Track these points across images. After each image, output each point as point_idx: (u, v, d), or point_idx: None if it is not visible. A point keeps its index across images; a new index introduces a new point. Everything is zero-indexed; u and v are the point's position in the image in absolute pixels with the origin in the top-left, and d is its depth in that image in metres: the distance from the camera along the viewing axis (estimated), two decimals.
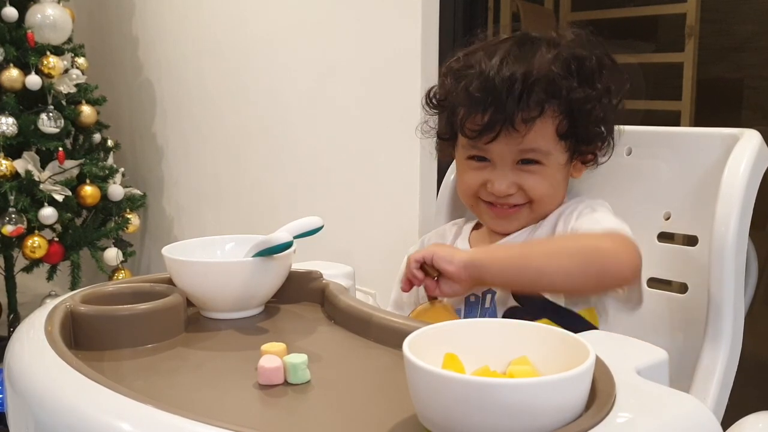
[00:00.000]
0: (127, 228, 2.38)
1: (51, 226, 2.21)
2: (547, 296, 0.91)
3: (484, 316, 0.93)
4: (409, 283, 0.88)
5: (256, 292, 0.83)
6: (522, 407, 0.48)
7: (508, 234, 0.99)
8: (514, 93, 0.87)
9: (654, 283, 0.99)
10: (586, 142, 0.95)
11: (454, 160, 1.17)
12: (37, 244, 2.13)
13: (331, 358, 0.72)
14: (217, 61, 2.33)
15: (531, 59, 0.90)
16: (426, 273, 0.86)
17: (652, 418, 0.53)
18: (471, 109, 0.91)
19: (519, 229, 0.98)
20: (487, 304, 0.94)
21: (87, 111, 2.29)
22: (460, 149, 0.99)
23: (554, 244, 0.89)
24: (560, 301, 0.91)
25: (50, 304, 0.76)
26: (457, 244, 1.04)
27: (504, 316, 0.91)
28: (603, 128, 0.94)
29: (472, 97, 0.90)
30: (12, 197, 2.08)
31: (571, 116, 0.91)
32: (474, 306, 0.94)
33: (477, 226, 1.06)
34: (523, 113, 0.88)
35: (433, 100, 1.01)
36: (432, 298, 0.88)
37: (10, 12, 2.12)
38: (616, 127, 0.97)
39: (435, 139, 1.06)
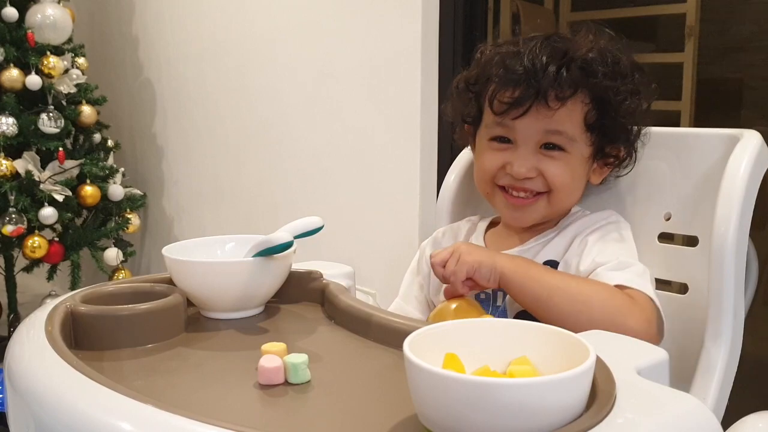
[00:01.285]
0: (127, 228, 2.38)
1: (51, 226, 2.21)
2: None
3: (494, 314, 0.93)
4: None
5: (256, 292, 0.83)
6: (522, 407, 0.48)
7: (523, 229, 0.98)
8: (550, 68, 0.88)
9: (654, 283, 0.99)
10: (610, 140, 0.93)
11: (455, 162, 1.17)
12: (37, 244, 2.14)
13: (331, 358, 0.72)
14: (217, 61, 2.34)
15: (568, 43, 0.91)
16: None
17: (652, 418, 0.53)
18: (505, 83, 0.90)
19: (534, 223, 0.97)
20: (498, 302, 0.94)
21: (87, 111, 2.29)
22: (482, 131, 0.97)
23: (586, 290, 0.85)
24: None
25: (50, 304, 0.76)
26: (471, 242, 1.03)
27: (516, 317, 0.91)
28: (628, 129, 0.94)
29: (508, 70, 0.90)
30: (12, 197, 2.08)
31: (601, 108, 0.91)
32: (485, 303, 0.94)
33: (492, 225, 1.05)
34: (556, 91, 0.88)
35: (462, 83, 1.00)
36: (457, 296, 0.87)
37: (11, 12, 2.12)
38: (640, 139, 0.97)
39: (455, 124, 1.05)
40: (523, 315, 0.90)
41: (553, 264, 0.93)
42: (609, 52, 0.91)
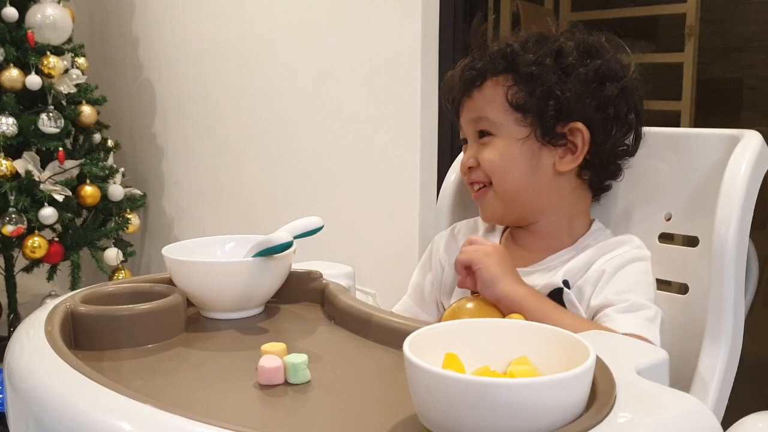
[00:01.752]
0: (127, 228, 2.38)
1: (51, 226, 2.21)
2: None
3: None
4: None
5: (256, 292, 0.83)
6: (522, 407, 0.48)
7: (539, 245, 0.96)
8: (468, 64, 0.96)
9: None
10: (541, 116, 0.91)
11: (455, 162, 1.17)
12: (37, 244, 2.14)
13: (331, 358, 0.72)
14: (217, 61, 2.34)
15: (498, 42, 0.96)
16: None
17: (652, 418, 0.53)
18: (447, 86, 1.00)
19: (500, 221, 1.00)
20: None
21: (87, 111, 2.29)
22: None
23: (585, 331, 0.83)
24: None
25: (50, 304, 0.76)
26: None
27: None
28: (562, 102, 0.90)
29: (455, 80, 0.99)
30: (12, 197, 2.08)
31: (527, 87, 0.91)
32: None
33: (510, 230, 1.03)
34: (476, 82, 0.95)
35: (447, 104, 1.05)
36: (474, 293, 0.87)
37: (10, 12, 2.12)
38: (619, 122, 0.93)
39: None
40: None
41: (565, 284, 0.90)
42: (534, 37, 0.94)
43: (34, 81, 2.13)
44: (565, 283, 0.90)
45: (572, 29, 0.95)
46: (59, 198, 2.14)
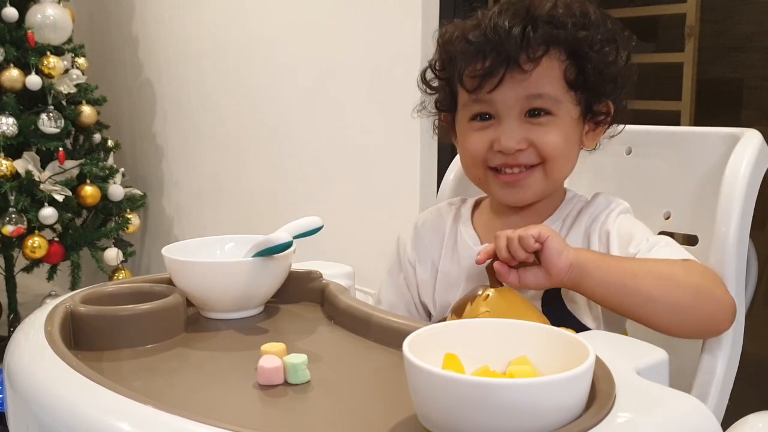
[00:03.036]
0: (127, 228, 2.38)
1: (51, 226, 2.21)
2: (574, 312, 0.85)
3: None
4: (489, 256, 0.81)
5: (256, 292, 0.83)
6: (522, 407, 0.48)
7: (518, 215, 0.92)
8: (514, 30, 0.83)
9: None
10: (597, 95, 0.88)
11: (454, 161, 1.17)
12: (37, 244, 2.14)
13: (331, 358, 0.72)
14: (217, 61, 2.34)
15: (530, 2, 0.86)
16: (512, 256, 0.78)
17: (652, 418, 0.53)
18: (472, 56, 0.85)
19: (532, 201, 0.90)
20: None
21: (87, 111, 2.29)
22: (461, 114, 0.91)
23: (664, 268, 0.79)
24: (588, 322, 0.86)
25: (50, 304, 0.76)
26: (459, 229, 0.97)
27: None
28: (614, 80, 0.88)
29: (471, 44, 0.86)
30: (12, 197, 2.08)
31: (579, 62, 0.86)
32: None
33: (476, 208, 0.99)
34: (527, 52, 0.83)
35: (428, 72, 0.95)
36: (496, 284, 0.80)
37: (11, 12, 2.12)
38: (626, 91, 0.91)
39: (434, 118, 0.99)
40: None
41: None
42: (576, 3, 0.87)
43: (34, 81, 2.13)
44: None
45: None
46: (59, 198, 2.14)
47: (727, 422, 0.85)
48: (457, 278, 0.94)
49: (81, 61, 2.33)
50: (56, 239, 2.24)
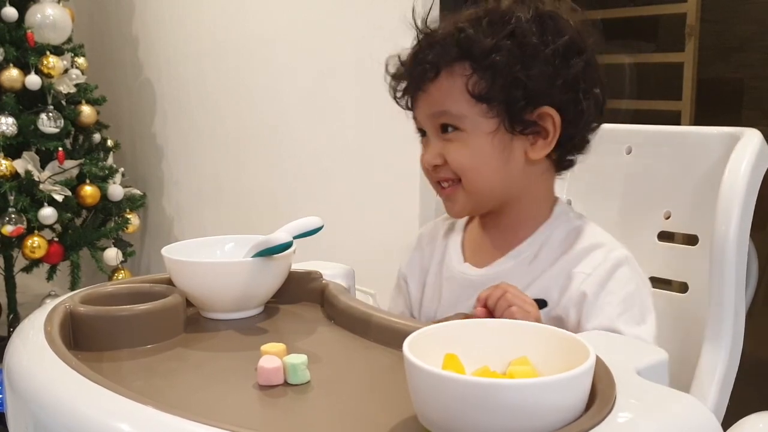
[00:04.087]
0: (126, 228, 2.38)
1: (51, 226, 2.21)
2: None
3: None
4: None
5: (256, 293, 0.83)
6: (522, 407, 0.48)
7: (498, 233, 0.91)
8: (414, 56, 0.88)
9: (654, 282, 0.98)
10: (509, 105, 0.83)
11: None
12: (36, 244, 2.14)
13: (331, 358, 0.72)
14: (217, 61, 2.33)
15: (442, 23, 0.88)
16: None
17: (652, 419, 0.53)
18: (397, 79, 0.93)
19: (469, 214, 0.92)
20: None
21: (87, 111, 2.29)
22: None
23: None
24: None
25: (50, 304, 0.76)
26: (448, 243, 0.97)
27: None
28: (529, 87, 0.83)
29: (398, 67, 0.93)
30: (12, 197, 2.08)
31: (490, 74, 0.83)
32: None
33: (471, 220, 0.99)
34: (423, 72, 0.86)
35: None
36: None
37: (10, 12, 2.12)
38: (588, 97, 0.85)
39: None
40: None
41: (541, 302, 0.83)
42: (487, 13, 0.85)
43: (33, 81, 2.13)
44: (542, 301, 0.85)
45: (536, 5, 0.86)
46: (59, 198, 2.14)
47: (727, 422, 0.85)
48: (439, 292, 0.95)
49: (81, 60, 2.33)
50: (56, 239, 2.24)
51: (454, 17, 0.87)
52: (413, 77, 0.89)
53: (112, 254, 2.33)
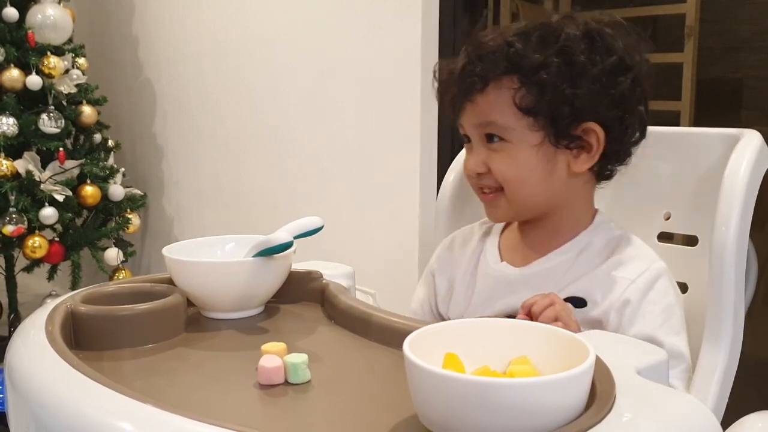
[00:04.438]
0: (127, 228, 2.38)
1: (51, 226, 2.21)
2: None
3: None
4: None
5: (256, 292, 0.83)
6: (522, 407, 0.48)
7: (537, 237, 0.93)
8: (463, 67, 0.89)
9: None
10: (555, 120, 0.85)
11: (454, 161, 1.17)
12: (37, 244, 2.14)
13: (331, 358, 0.72)
14: (217, 61, 2.33)
15: (491, 34, 0.89)
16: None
17: (652, 418, 0.53)
18: (446, 85, 0.93)
19: (511, 220, 0.95)
20: None
21: (87, 111, 2.29)
22: None
23: None
24: None
25: (51, 304, 0.76)
26: (485, 245, 0.99)
27: None
28: (575, 104, 0.84)
29: (444, 74, 0.94)
30: (12, 197, 2.08)
31: (538, 88, 0.84)
32: None
33: (508, 224, 1.00)
34: (472, 84, 0.87)
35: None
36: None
37: (11, 12, 2.12)
38: (631, 114, 0.88)
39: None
40: None
41: (579, 301, 0.87)
42: (536, 28, 0.86)
43: (34, 81, 2.13)
44: (581, 300, 0.87)
45: (572, 16, 0.89)
46: (60, 198, 2.14)
47: (727, 422, 0.85)
48: (472, 288, 0.97)
49: (81, 61, 2.33)
50: (56, 239, 2.24)
51: (503, 30, 0.89)
52: (462, 87, 0.89)
53: (112, 254, 2.33)
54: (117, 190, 2.32)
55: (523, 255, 0.94)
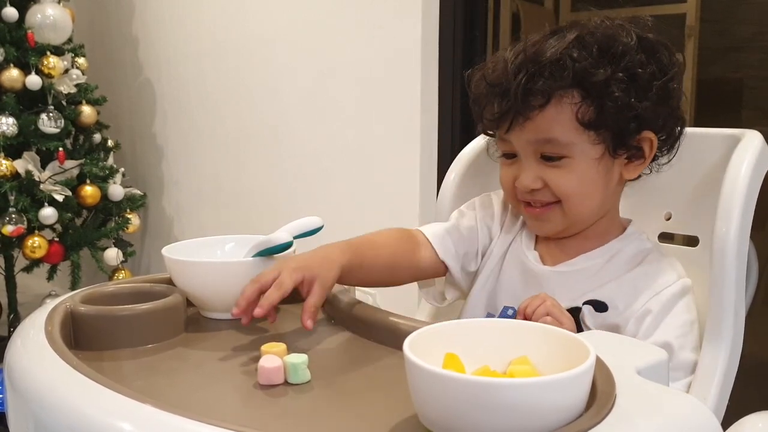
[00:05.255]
0: (127, 228, 2.38)
1: (51, 226, 2.21)
2: None
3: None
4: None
5: None
6: (522, 407, 0.48)
7: (570, 238, 0.92)
8: (518, 80, 0.83)
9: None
10: (619, 134, 0.85)
11: (455, 161, 1.17)
12: (37, 244, 2.13)
13: (331, 358, 0.72)
14: (217, 61, 2.33)
15: (545, 43, 0.84)
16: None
17: (652, 418, 0.53)
18: (487, 100, 0.88)
19: (561, 232, 0.92)
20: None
21: (87, 111, 2.29)
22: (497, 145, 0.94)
23: None
24: None
25: (50, 304, 0.76)
26: (523, 236, 0.96)
27: None
28: (640, 116, 0.84)
29: (486, 87, 0.88)
30: (12, 197, 2.08)
31: (598, 102, 0.83)
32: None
33: None
34: (533, 100, 0.83)
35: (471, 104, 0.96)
36: None
37: (11, 12, 2.12)
38: (676, 115, 0.89)
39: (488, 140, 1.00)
40: None
41: (600, 305, 0.87)
42: (596, 40, 0.84)
43: (34, 81, 2.13)
44: (603, 305, 0.87)
45: (620, 22, 0.87)
46: (59, 198, 2.14)
47: (727, 422, 0.85)
48: (497, 272, 0.96)
49: (81, 61, 2.33)
50: (56, 239, 2.24)
51: (556, 40, 0.85)
52: (519, 105, 0.84)
53: (112, 254, 2.33)
54: (117, 190, 2.32)
55: (552, 254, 0.94)
